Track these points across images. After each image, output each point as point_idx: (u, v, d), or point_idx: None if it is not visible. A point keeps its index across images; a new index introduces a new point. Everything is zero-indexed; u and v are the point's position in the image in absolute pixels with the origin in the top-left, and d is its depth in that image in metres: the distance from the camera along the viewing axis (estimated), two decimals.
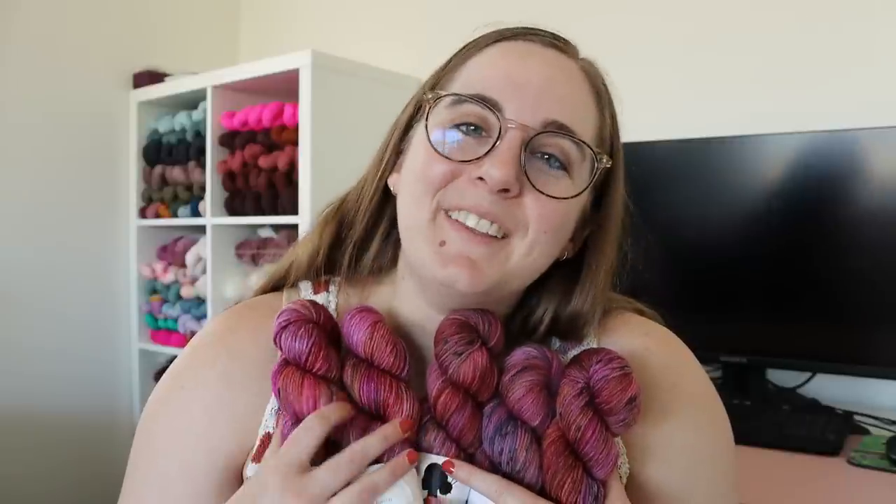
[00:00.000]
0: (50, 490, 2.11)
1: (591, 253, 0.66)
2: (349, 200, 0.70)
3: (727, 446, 0.68)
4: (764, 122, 1.47)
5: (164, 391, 0.67)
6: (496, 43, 0.63)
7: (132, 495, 0.65)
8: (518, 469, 0.55)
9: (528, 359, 0.59)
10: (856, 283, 1.32)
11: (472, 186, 0.58)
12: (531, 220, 0.58)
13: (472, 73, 0.62)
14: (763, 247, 1.42)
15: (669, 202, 1.51)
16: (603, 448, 0.56)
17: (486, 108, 0.58)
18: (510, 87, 0.59)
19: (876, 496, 1.09)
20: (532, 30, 0.64)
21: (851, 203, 1.34)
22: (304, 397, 0.56)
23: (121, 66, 2.29)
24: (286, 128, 1.86)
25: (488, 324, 0.61)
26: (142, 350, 2.31)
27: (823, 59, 1.51)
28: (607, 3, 1.80)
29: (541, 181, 0.58)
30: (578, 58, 0.65)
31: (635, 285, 0.70)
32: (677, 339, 0.70)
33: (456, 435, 0.57)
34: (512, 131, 0.57)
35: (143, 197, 2.32)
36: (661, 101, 1.70)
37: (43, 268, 2.13)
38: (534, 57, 0.61)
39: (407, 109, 0.67)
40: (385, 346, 0.58)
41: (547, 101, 0.59)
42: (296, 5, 2.51)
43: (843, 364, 1.36)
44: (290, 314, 0.60)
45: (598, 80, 0.65)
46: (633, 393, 0.57)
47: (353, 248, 0.68)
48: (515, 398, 0.57)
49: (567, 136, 0.59)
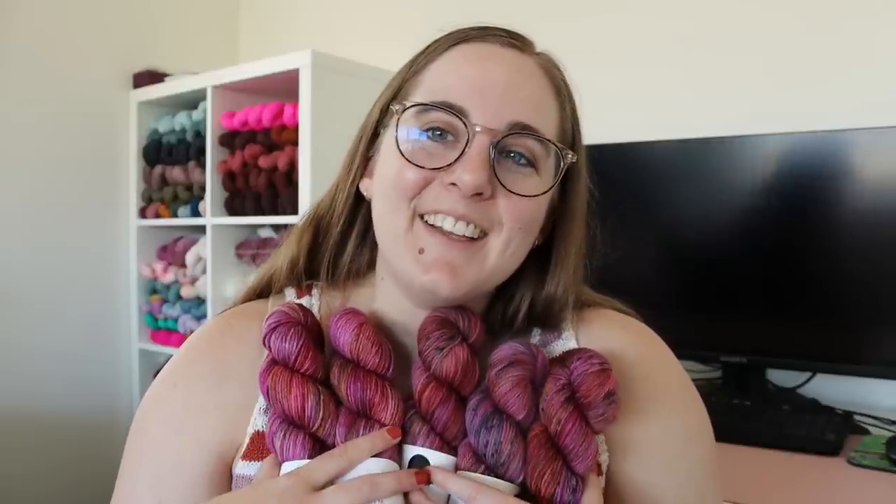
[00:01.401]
0: (50, 490, 2.11)
1: (560, 239, 0.68)
2: (322, 207, 0.72)
3: (704, 436, 0.69)
4: (764, 122, 1.47)
5: (156, 390, 0.69)
6: (456, 45, 0.65)
7: (126, 489, 0.66)
8: (502, 461, 0.57)
9: (514, 354, 0.61)
10: (856, 282, 1.32)
11: (445, 192, 0.60)
12: (505, 218, 0.61)
13: (436, 78, 0.64)
14: (763, 247, 1.42)
15: (669, 202, 1.51)
16: (582, 441, 0.58)
17: (452, 115, 0.61)
18: (474, 92, 0.61)
19: (876, 496, 1.09)
20: (490, 30, 0.66)
21: (851, 203, 1.34)
22: (292, 396, 0.58)
23: (121, 66, 2.29)
24: (286, 128, 1.86)
25: (468, 320, 0.64)
26: (142, 350, 2.31)
27: (823, 60, 1.51)
28: (606, 3, 1.80)
29: (510, 180, 0.61)
30: (536, 53, 0.67)
31: (635, 285, 0.71)
32: (654, 334, 0.71)
33: (440, 428, 0.59)
34: (479, 136, 0.60)
35: (143, 197, 2.32)
36: (661, 101, 1.70)
37: (43, 268, 2.13)
38: (494, 59, 0.63)
39: (372, 114, 0.69)
40: (370, 347, 0.60)
41: (510, 103, 0.61)
42: (296, 5, 2.51)
43: (843, 364, 1.36)
44: (280, 316, 0.62)
45: (556, 75, 0.67)
46: (610, 387, 0.59)
47: (331, 254, 0.71)
48: (502, 392, 0.59)
49: (532, 136, 0.62)
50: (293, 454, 0.58)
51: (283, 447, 0.58)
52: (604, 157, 1.54)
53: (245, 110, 1.94)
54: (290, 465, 0.58)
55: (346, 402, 0.60)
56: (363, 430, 0.58)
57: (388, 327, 0.68)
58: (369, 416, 0.59)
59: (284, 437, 0.58)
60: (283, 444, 0.58)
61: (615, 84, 1.76)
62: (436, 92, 0.62)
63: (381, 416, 0.58)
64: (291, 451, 0.58)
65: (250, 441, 0.64)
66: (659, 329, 0.72)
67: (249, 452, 0.63)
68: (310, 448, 0.58)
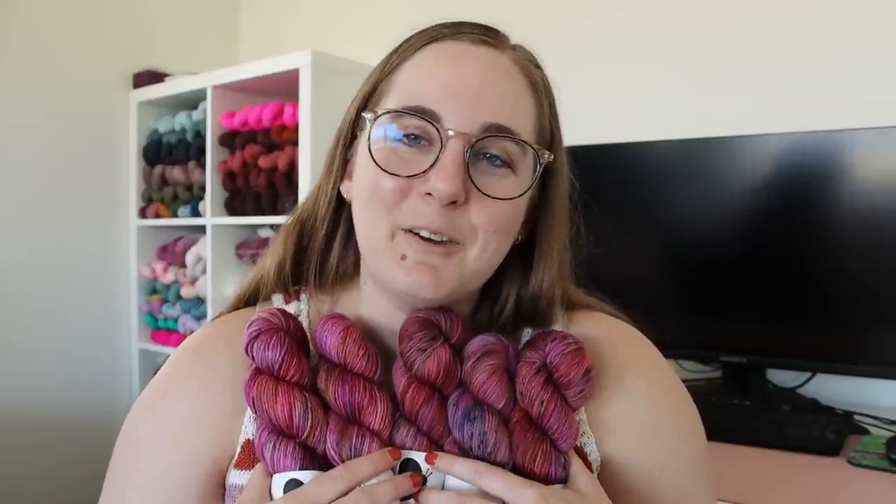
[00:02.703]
0: (50, 490, 2.11)
1: (542, 234, 0.68)
2: (306, 210, 0.72)
3: (696, 435, 0.69)
4: (764, 122, 1.47)
5: (146, 400, 0.68)
6: (428, 45, 0.64)
7: (113, 501, 0.65)
8: (489, 451, 0.57)
9: (485, 345, 0.62)
10: (856, 282, 1.32)
11: (423, 203, 0.59)
12: (479, 225, 0.60)
13: (409, 79, 0.63)
14: (763, 247, 1.42)
15: (669, 202, 1.51)
16: (565, 420, 0.60)
17: (424, 121, 0.60)
18: (447, 95, 0.60)
19: (876, 496, 1.09)
20: (462, 26, 0.65)
21: (851, 203, 1.33)
22: (278, 405, 0.57)
23: (121, 66, 2.29)
24: (286, 128, 1.86)
25: (449, 321, 0.64)
26: (142, 350, 2.31)
27: (823, 60, 1.51)
28: (606, 3, 1.80)
29: (485, 183, 0.60)
30: (511, 48, 0.65)
31: (636, 285, 0.71)
32: (639, 332, 0.72)
33: (426, 428, 0.59)
34: (452, 141, 0.59)
35: (143, 197, 2.32)
36: (661, 101, 1.70)
37: (43, 268, 2.13)
38: (467, 59, 0.62)
39: (349, 115, 0.68)
40: (357, 351, 0.60)
41: (484, 104, 0.60)
42: (296, 5, 2.51)
43: (843, 364, 1.36)
44: (261, 324, 0.61)
45: (532, 70, 0.65)
46: (587, 365, 0.61)
47: (317, 258, 0.70)
48: (479, 382, 0.60)
49: (506, 137, 0.61)
50: (284, 465, 0.57)
51: (273, 458, 0.57)
52: (604, 157, 1.56)
53: (245, 110, 1.94)
54: (281, 476, 0.57)
55: (334, 407, 0.59)
56: (355, 437, 0.57)
57: (372, 330, 0.67)
58: (358, 420, 0.59)
59: (274, 448, 0.57)
60: (273, 454, 0.57)
61: (615, 84, 1.76)
62: (409, 94, 0.62)
63: (370, 419, 0.58)
64: (282, 461, 0.57)
65: (241, 450, 0.63)
66: (659, 329, 0.73)
67: (241, 461, 0.63)
68: (300, 457, 0.57)
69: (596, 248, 0.75)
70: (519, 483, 0.55)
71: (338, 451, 0.57)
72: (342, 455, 0.57)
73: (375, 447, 0.57)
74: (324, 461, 0.58)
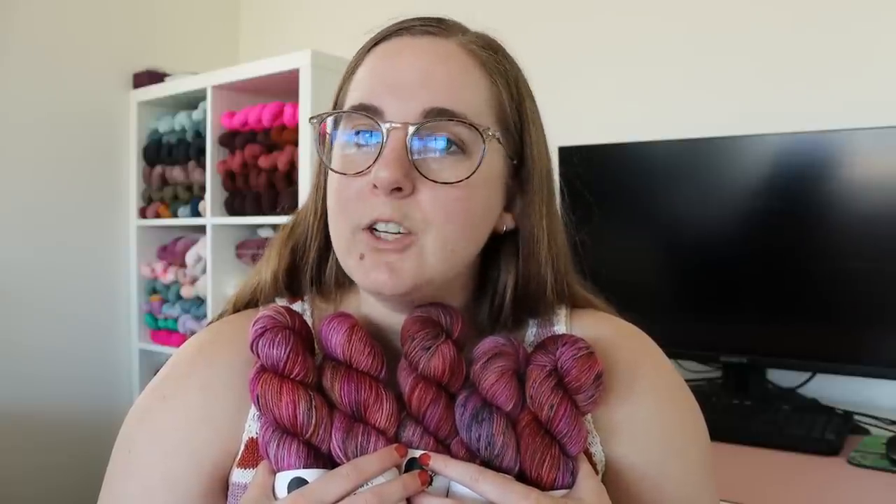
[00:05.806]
0: (50, 490, 2.11)
1: (523, 219, 0.67)
2: (300, 217, 0.72)
3: (699, 434, 0.69)
4: (763, 122, 1.47)
5: (144, 403, 0.67)
6: (374, 47, 0.65)
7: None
8: (496, 454, 0.57)
9: (496, 346, 0.61)
10: (856, 283, 1.32)
11: (372, 196, 0.59)
12: (431, 214, 0.59)
13: (358, 85, 0.64)
14: (763, 247, 1.42)
15: (669, 202, 1.51)
16: (574, 425, 0.59)
17: (367, 117, 0.60)
18: (386, 89, 0.61)
19: (876, 496, 1.09)
20: (404, 23, 0.65)
21: (851, 203, 1.34)
22: (283, 403, 0.57)
23: (121, 66, 2.29)
24: (286, 128, 1.87)
25: (450, 316, 0.63)
26: (142, 350, 2.31)
27: (822, 60, 1.51)
28: (606, 3, 1.80)
29: (434, 170, 0.59)
30: (460, 35, 0.65)
31: (636, 285, 0.71)
32: (643, 333, 0.72)
33: (433, 428, 0.59)
34: (393, 132, 0.59)
35: (143, 197, 2.32)
36: (661, 101, 1.70)
37: (43, 267, 2.13)
38: (405, 52, 0.63)
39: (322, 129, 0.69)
40: (363, 349, 0.60)
41: (422, 91, 0.60)
42: (296, 5, 2.51)
43: (843, 364, 1.36)
44: (267, 321, 0.61)
45: (481, 52, 0.64)
46: (598, 370, 0.61)
47: (313, 266, 0.70)
48: (489, 384, 0.59)
49: (449, 119, 0.60)
50: (288, 463, 0.56)
51: (277, 456, 0.57)
52: (604, 157, 1.56)
53: (245, 110, 1.94)
54: (285, 474, 0.57)
55: (339, 405, 0.59)
56: (361, 435, 0.57)
57: (376, 331, 0.67)
58: (364, 418, 0.58)
59: (278, 446, 0.57)
60: (277, 452, 0.57)
61: (615, 84, 1.76)
62: (356, 97, 0.62)
63: (376, 417, 0.58)
64: (286, 460, 0.57)
65: (245, 448, 0.63)
66: (659, 329, 0.73)
67: (244, 460, 0.63)
68: (304, 456, 0.57)
69: (594, 245, 0.75)
70: (518, 493, 0.54)
71: (343, 449, 0.57)
72: (348, 453, 0.56)
73: (381, 445, 0.57)
74: (328, 460, 0.58)
